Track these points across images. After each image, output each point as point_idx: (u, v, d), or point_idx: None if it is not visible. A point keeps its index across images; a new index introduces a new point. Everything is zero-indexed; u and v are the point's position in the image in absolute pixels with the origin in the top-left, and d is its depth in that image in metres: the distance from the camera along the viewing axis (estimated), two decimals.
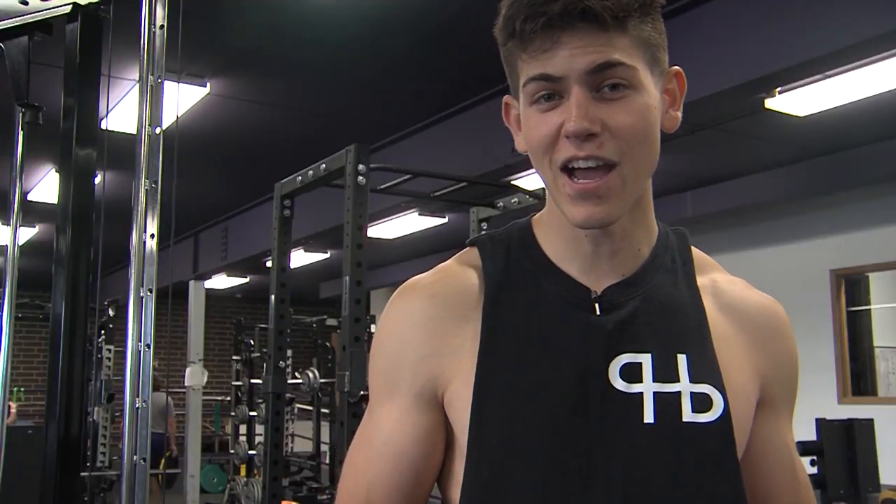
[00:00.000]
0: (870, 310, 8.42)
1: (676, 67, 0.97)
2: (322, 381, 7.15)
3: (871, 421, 4.02)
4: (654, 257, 1.00)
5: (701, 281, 1.01)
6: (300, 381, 6.88)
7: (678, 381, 0.93)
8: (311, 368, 7.13)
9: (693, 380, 0.93)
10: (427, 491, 0.99)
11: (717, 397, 0.93)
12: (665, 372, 0.93)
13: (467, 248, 1.05)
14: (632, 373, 0.93)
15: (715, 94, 4.37)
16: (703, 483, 0.91)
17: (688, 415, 0.92)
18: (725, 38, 4.32)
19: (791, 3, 4.04)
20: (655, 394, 0.92)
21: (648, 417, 0.91)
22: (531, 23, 0.88)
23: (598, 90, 0.89)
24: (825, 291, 8.11)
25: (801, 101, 5.14)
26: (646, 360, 0.93)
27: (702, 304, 0.99)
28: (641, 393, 0.92)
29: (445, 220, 8.66)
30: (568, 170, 0.90)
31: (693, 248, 1.05)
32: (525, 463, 0.91)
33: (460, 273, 1.01)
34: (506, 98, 1.01)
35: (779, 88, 4.87)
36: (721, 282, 1.03)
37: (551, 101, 0.90)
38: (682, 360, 0.94)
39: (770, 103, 5.15)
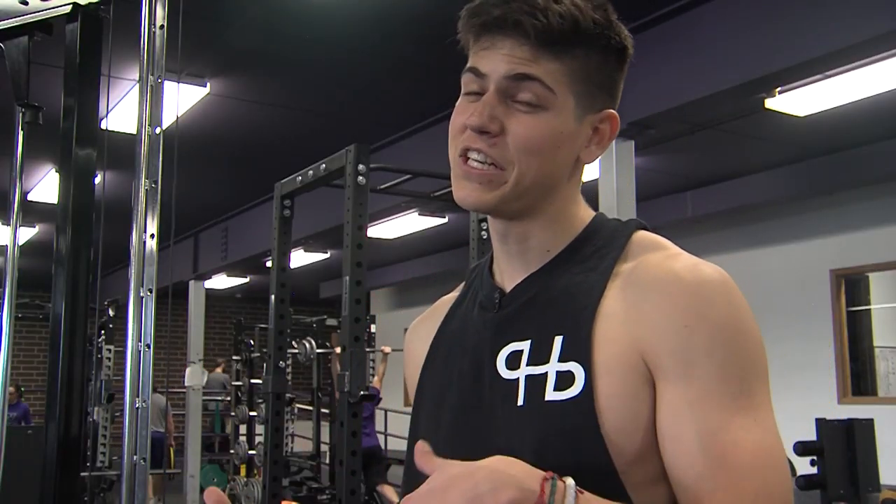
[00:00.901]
0: (870, 310, 8.42)
1: (613, 112, 1.03)
2: (319, 351, 7.09)
3: (871, 421, 4.02)
4: (567, 252, 1.02)
5: (622, 266, 0.98)
6: (297, 350, 6.82)
7: (548, 362, 0.95)
8: (308, 338, 7.06)
9: (561, 359, 0.94)
10: None
11: (579, 373, 0.92)
12: (539, 355, 0.96)
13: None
14: (514, 360, 0.98)
15: (715, 94, 4.37)
16: (565, 459, 0.89)
17: (549, 393, 0.93)
18: (725, 38, 4.32)
19: (791, 4, 4.04)
20: (527, 377, 0.96)
21: (520, 400, 0.96)
22: (475, 19, 0.98)
23: (514, 100, 0.96)
24: (825, 291, 8.12)
25: (801, 101, 5.14)
26: (526, 346, 0.98)
27: (602, 287, 0.96)
28: (518, 378, 0.97)
29: (445, 220, 8.66)
30: (464, 157, 0.99)
31: (640, 236, 1.01)
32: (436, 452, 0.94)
33: (442, 301, 1.17)
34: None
35: (779, 88, 4.87)
36: (647, 259, 0.97)
37: (476, 96, 0.99)
38: (557, 341, 0.96)
39: (770, 103, 5.15)
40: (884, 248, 7.68)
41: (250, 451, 7.88)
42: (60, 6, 2.33)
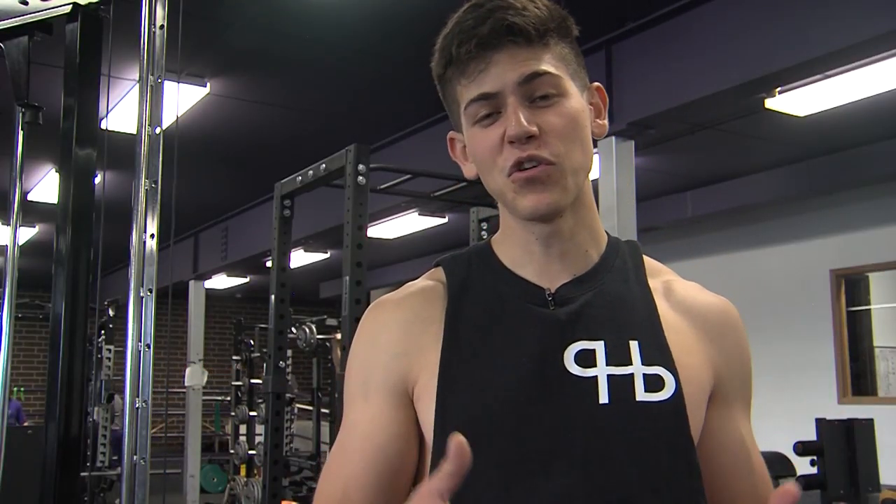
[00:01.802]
0: (870, 310, 8.42)
1: (596, 83, 1.08)
2: (319, 337, 7.05)
3: (871, 421, 4.02)
4: (604, 260, 1.07)
5: (652, 283, 1.07)
6: (296, 335, 6.78)
7: (631, 364, 0.98)
8: (308, 323, 7.00)
9: (645, 362, 0.98)
10: (404, 490, 1.01)
11: (668, 378, 0.98)
12: (618, 356, 0.99)
13: (433, 269, 1.14)
14: (586, 358, 0.99)
15: (715, 93, 4.36)
16: (658, 457, 0.96)
17: (641, 394, 0.97)
18: (725, 37, 4.32)
19: (791, 4, 4.04)
20: (609, 376, 0.97)
21: (603, 398, 0.96)
22: (465, 45, 0.98)
23: (532, 101, 0.98)
24: (825, 291, 8.11)
25: (800, 101, 5.14)
26: (599, 346, 0.99)
27: (652, 299, 1.05)
28: (596, 376, 0.97)
29: (445, 220, 8.66)
30: (516, 170, 0.98)
31: (645, 256, 1.11)
32: (486, 448, 0.93)
33: (426, 286, 1.10)
34: (450, 134, 1.10)
35: (779, 88, 4.87)
36: (674, 283, 1.09)
37: (491, 118, 0.99)
38: (634, 345, 1.00)
39: (770, 103, 5.15)
40: (884, 248, 7.67)
41: (250, 451, 7.88)
42: (60, 6, 2.33)
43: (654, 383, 0.97)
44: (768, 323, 8.28)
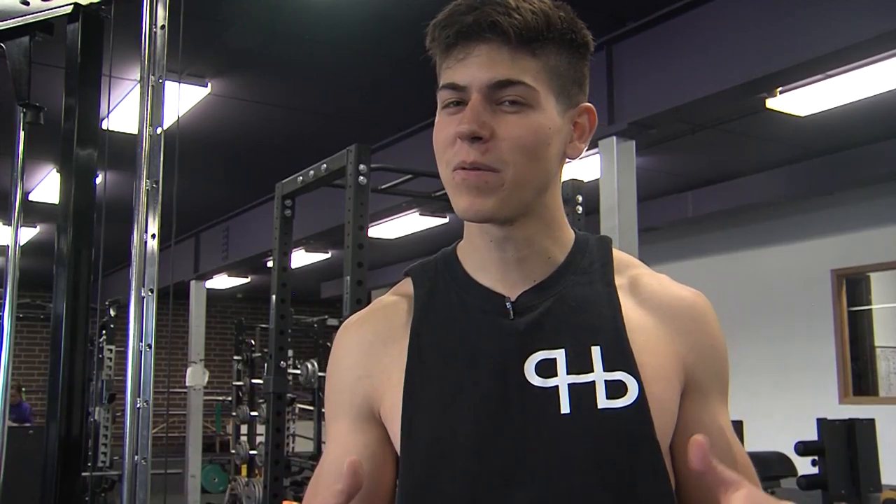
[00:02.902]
0: (870, 310, 8.42)
1: (589, 104, 1.05)
2: (321, 374, 7.10)
3: (872, 421, 4.02)
4: (568, 262, 1.05)
5: (619, 280, 1.05)
6: (299, 372, 6.83)
7: (592, 371, 0.98)
8: (311, 360, 7.06)
9: (607, 369, 0.98)
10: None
11: (631, 382, 0.97)
12: (579, 364, 0.98)
13: (403, 279, 1.13)
14: (547, 368, 0.98)
15: (716, 93, 4.36)
16: (622, 465, 0.95)
17: (602, 402, 0.96)
18: (726, 37, 4.32)
19: (792, 4, 4.04)
20: (570, 385, 0.97)
21: (565, 408, 0.96)
22: (448, 29, 0.97)
23: (499, 104, 0.96)
24: (826, 291, 8.11)
25: (802, 100, 5.14)
26: (560, 354, 0.99)
27: (617, 300, 1.03)
28: (557, 386, 0.97)
29: (446, 220, 8.65)
30: (458, 169, 0.98)
31: (616, 251, 1.09)
32: (451, 463, 0.97)
33: (390, 302, 1.10)
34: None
35: (780, 88, 4.87)
36: (642, 278, 1.07)
37: (457, 107, 0.98)
38: (595, 351, 0.99)
39: (771, 103, 5.15)
40: (885, 248, 7.67)
41: (251, 452, 7.88)
42: (61, 6, 2.33)
43: (616, 389, 0.96)
44: (769, 323, 8.28)
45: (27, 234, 9.46)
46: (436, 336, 1.03)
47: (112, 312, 7.88)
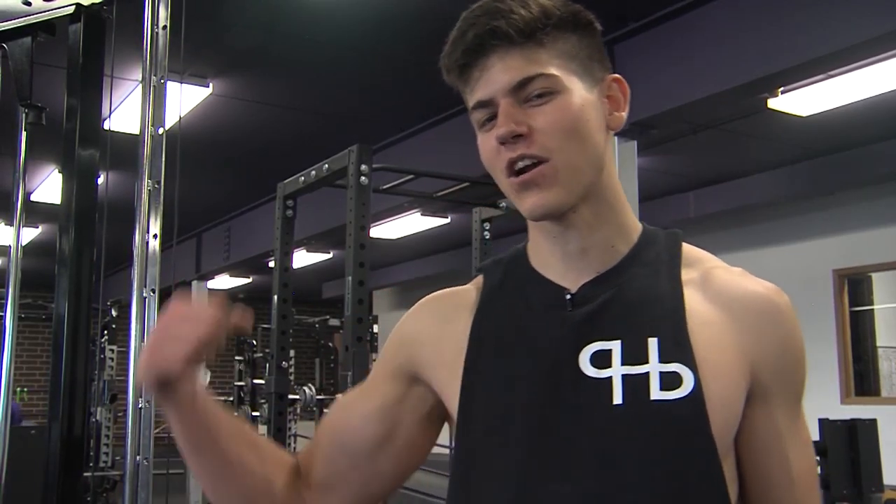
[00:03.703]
0: (872, 310, 8.41)
1: (615, 74, 1.06)
2: (319, 398, 7.12)
3: (874, 421, 4.02)
4: (633, 254, 1.04)
5: (688, 274, 1.03)
6: (297, 397, 6.84)
7: (647, 362, 0.96)
8: (309, 385, 7.08)
9: (662, 360, 0.96)
10: (390, 455, 1.10)
11: (687, 374, 0.95)
12: (634, 355, 0.97)
13: (477, 276, 1.16)
14: (601, 359, 0.98)
15: (717, 94, 4.36)
16: (673, 457, 0.94)
17: (656, 393, 0.95)
18: (727, 37, 4.31)
19: (793, 4, 4.04)
20: (624, 376, 0.96)
21: (617, 399, 0.96)
22: (454, 53, 1.00)
23: (527, 101, 0.98)
24: (828, 291, 8.10)
25: (803, 100, 5.14)
26: (615, 346, 0.98)
27: (680, 293, 1.01)
28: (611, 377, 0.97)
29: (448, 220, 8.66)
30: (513, 173, 0.99)
31: (687, 246, 1.07)
32: (503, 451, 0.99)
33: (462, 289, 1.14)
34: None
35: (781, 88, 4.87)
36: (714, 271, 1.04)
37: (492, 122, 1.00)
38: (652, 342, 0.97)
39: (773, 103, 5.15)
40: (887, 248, 7.66)
41: None
42: (63, 7, 2.33)
43: (670, 381, 0.95)
44: None
45: (29, 234, 9.47)
46: (496, 324, 1.06)
47: (114, 313, 7.88)
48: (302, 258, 10.19)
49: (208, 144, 6.56)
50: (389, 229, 8.75)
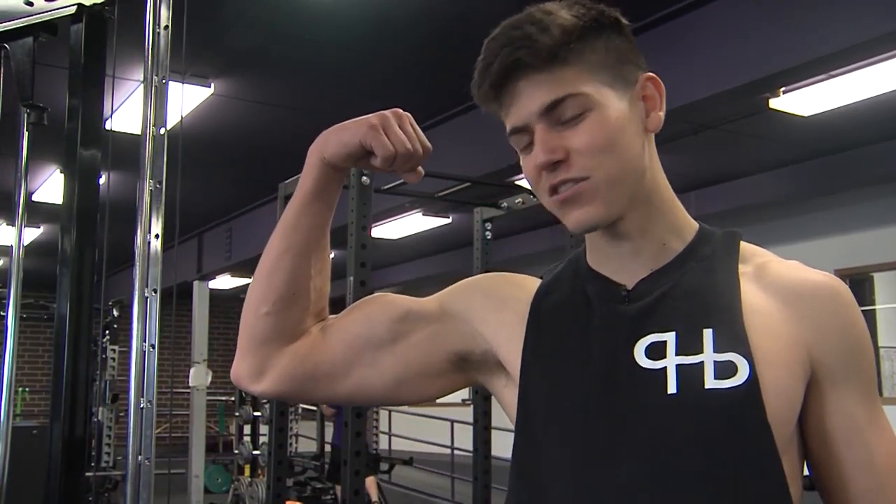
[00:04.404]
0: (874, 310, 8.41)
1: (649, 73, 1.06)
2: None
3: None
4: (689, 250, 1.06)
5: (744, 268, 1.04)
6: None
7: (702, 352, 0.97)
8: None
9: (717, 350, 0.97)
10: (392, 357, 1.14)
11: (742, 363, 0.95)
12: (689, 346, 0.98)
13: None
14: (656, 351, 0.99)
15: (719, 94, 4.36)
16: (727, 445, 0.94)
17: (710, 382, 0.95)
18: (729, 37, 4.31)
19: (794, 3, 4.04)
20: (678, 366, 0.97)
21: (672, 388, 0.96)
22: (483, 85, 1.01)
23: (561, 123, 0.99)
24: None
25: (805, 100, 5.14)
26: (670, 337, 0.99)
27: (736, 285, 1.01)
28: (665, 367, 0.98)
29: (449, 220, 8.66)
30: (554, 192, 1.02)
31: (746, 244, 1.08)
32: (560, 439, 1.01)
33: (527, 277, 1.18)
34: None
35: (783, 88, 4.87)
36: (769, 264, 1.05)
37: (530, 147, 1.02)
38: (707, 333, 0.98)
39: (774, 103, 5.15)
40: (888, 249, 7.66)
41: (254, 452, 7.89)
42: (65, 7, 2.33)
43: (725, 370, 0.95)
44: None
45: (30, 234, 9.48)
46: (554, 317, 1.08)
47: (115, 313, 7.88)
48: None
49: (210, 144, 6.56)
50: (391, 229, 8.75)
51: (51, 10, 2.34)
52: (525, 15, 1.00)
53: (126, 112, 5.51)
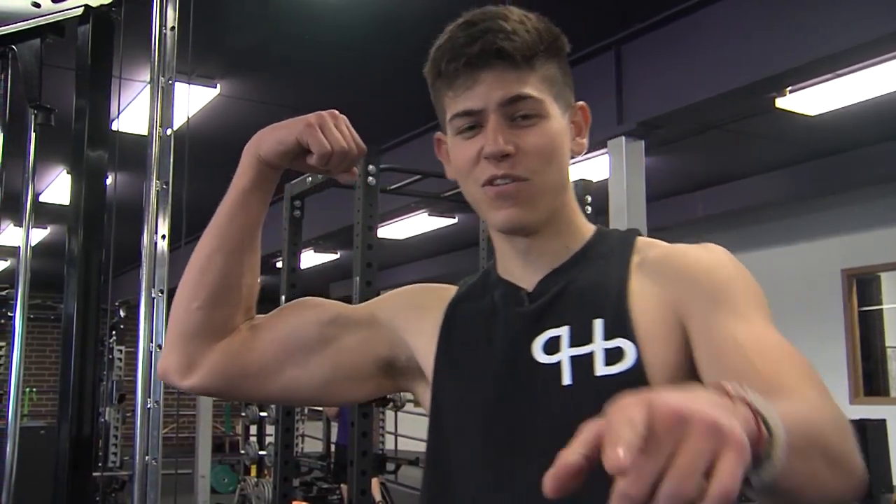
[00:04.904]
0: (881, 309, 8.38)
1: (581, 102, 1.12)
2: None
3: (883, 421, 4.01)
4: (585, 250, 1.11)
5: (635, 260, 1.08)
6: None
7: (592, 342, 1.01)
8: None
9: (606, 337, 1.01)
10: (322, 360, 1.17)
11: (629, 347, 0.99)
12: (580, 337, 1.02)
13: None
14: (552, 346, 1.04)
15: (725, 93, 4.36)
16: None
17: (600, 369, 0.99)
18: (735, 37, 4.31)
19: (801, 2, 4.03)
20: (571, 358, 1.01)
21: (566, 380, 1.01)
22: (454, 62, 1.03)
23: (513, 119, 1.03)
24: (836, 291, 8.08)
25: (812, 100, 5.13)
26: (564, 331, 1.04)
27: (626, 276, 1.05)
28: (560, 361, 1.02)
29: (455, 220, 8.66)
30: (490, 184, 1.04)
31: (643, 238, 1.12)
32: (467, 440, 1.07)
33: (443, 289, 1.23)
34: (437, 135, 1.17)
35: (789, 88, 4.85)
36: (655, 252, 1.08)
37: (473, 130, 1.04)
38: (597, 323, 1.02)
39: (781, 103, 5.14)
40: (895, 248, 7.64)
41: (261, 452, 7.89)
42: (72, 8, 2.34)
43: (613, 356, 0.99)
44: (779, 323, 8.20)
45: (37, 235, 9.50)
46: (463, 322, 1.13)
47: (122, 313, 7.91)
48: (309, 259, 10.20)
49: (216, 145, 6.54)
50: (397, 230, 8.75)
51: (58, 12, 2.35)
52: (501, 11, 1.04)
53: (133, 113, 5.52)
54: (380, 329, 1.18)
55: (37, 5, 2.34)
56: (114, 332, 7.84)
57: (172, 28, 2.48)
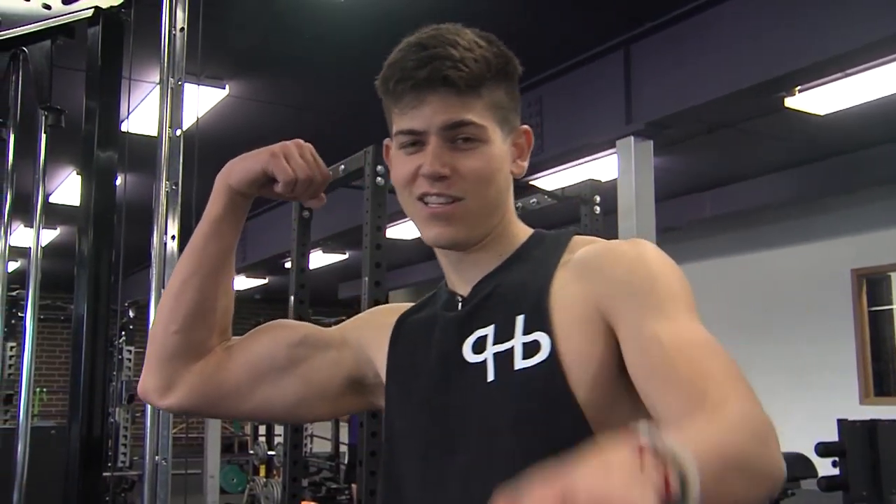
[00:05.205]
0: (892, 309, 8.34)
1: (525, 126, 1.17)
2: None
3: (894, 422, 3.99)
4: (517, 253, 1.15)
5: (564, 258, 1.11)
6: None
7: (513, 338, 1.06)
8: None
9: (525, 332, 1.05)
10: (294, 380, 1.23)
11: (544, 340, 1.03)
12: (503, 334, 1.07)
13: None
14: (480, 345, 1.09)
15: (734, 93, 4.34)
16: (537, 419, 1.01)
17: (519, 363, 1.04)
18: (744, 36, 4.29)
19: (811, 1, 4.02)
20: (495, 354, 1.06)
21: (490, 376, 1.06)
22: (402, 84, 1.10)
23: (454, 142, 1.08)
24: (846, 291, 8.05)
25: (821, 99, 5.10)
26: (490, 330, 1.09)
27: (551, 274, 1.09)
28: (486, 358, 1.07)
29: None
30: (423, 201, 1.10)
31: (579, 237, 1.15)
32: (411, 436, 1.14)
33: (404, 304, 1.29)
34: (386, 141, 1.23)
35: (799, 87, 4.83)
36: (585, 249, 1.11)
37: (415, 147, 1.10)
38: (519, 319, 1.07)
39: (790, 102, 5.11)
40: None
41: (270, 452, 7.92)
42: (82, 10, 2.35)
43: (530, 349, 1.03)
44: (789, 323, 8.23)
45: (48, 236, 9.53)
46: (409, 333, 1.21)
47: (131, 314, 7.93)
48: (318, 259, 10.20)
49: (225, 145, 6.54)
50: (406, 230, 8.75)
51: (68, 14, 2.36)
52: (452, 36, 1.09)
53: (142, 114, 5.53)
54: (348, 349, 1.25)
55: (47, 7, 2.35)
56: (123, 333, 7.87)
57: (182, 29, 2.49)
